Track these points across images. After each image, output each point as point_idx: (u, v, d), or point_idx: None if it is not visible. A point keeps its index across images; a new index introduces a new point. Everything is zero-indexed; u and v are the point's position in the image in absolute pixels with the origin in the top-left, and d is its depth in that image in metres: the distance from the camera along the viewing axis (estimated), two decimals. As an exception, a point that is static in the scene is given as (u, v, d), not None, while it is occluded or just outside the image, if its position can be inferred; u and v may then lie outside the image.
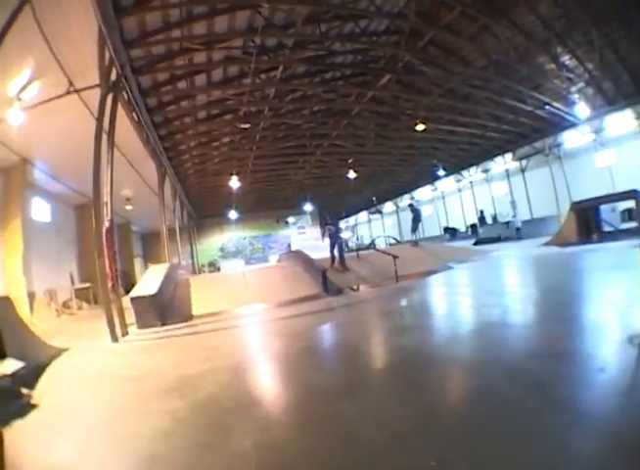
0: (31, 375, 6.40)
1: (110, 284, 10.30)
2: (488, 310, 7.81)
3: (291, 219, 52.39)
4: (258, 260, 45.19)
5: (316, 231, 50.21)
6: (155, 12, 12.75)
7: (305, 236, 49.15)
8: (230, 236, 51.25)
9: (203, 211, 44.30)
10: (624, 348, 4.33)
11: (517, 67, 21.40)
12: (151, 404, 4.74)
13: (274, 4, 13.98)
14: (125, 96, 14.17)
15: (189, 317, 11.91)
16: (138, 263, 35.58)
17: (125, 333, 10.13)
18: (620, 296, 6.70)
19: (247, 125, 23.52)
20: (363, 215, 66.32)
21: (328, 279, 13.91)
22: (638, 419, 2.93)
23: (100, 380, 6.23)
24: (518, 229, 32.97)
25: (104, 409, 4.83)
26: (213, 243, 50.51)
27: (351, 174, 36.62)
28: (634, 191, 17.12)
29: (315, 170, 36.85)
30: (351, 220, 70.88)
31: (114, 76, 12.19)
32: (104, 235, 10.24)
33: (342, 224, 64.97)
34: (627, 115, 28.89)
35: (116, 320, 9.92)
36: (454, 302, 9.84)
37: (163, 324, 11.09)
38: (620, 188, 21.94)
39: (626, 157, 28.02)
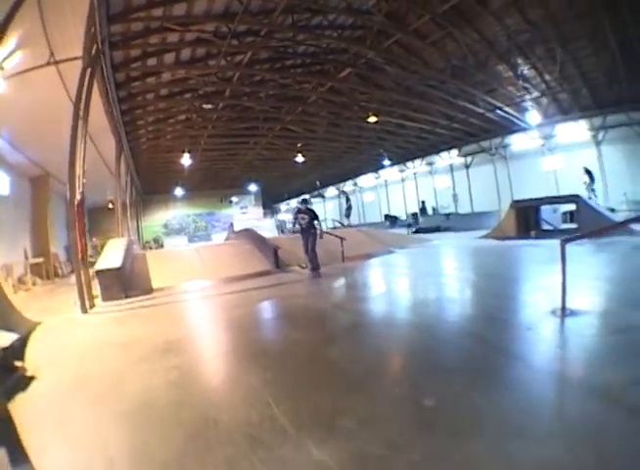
0: (18, 348, 6.33)
1: (79, 256, 10.39)
2: (432, 286, 9.18)
3: (234, 199, 52.29)
4: (201, 238, 45.43)
5: (258, 211, 50.95)
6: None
7: (248, 216, 49.42)
8: (174, 213, 50.76)
9: (149, 187, 43.85)
10: (547, 316, 5.66)
11: (474, 72, 22.18)
12: (151, 364, 5.20)
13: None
14: (99, 71, 14.21)
15: (149, 290, 12.15)
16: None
17: (92, 305, 10.25)
18: (545, 281, 7.81)
19: (209, 106, 23.76)
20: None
21: (279, 257, 14.67)
22: (554, 357, 4.36)
23: (89, 348, 6.43)
24: (447, 216, 34.64)
25: (109, 372, 5.07)
26: (158, 220, 49.91)
27: (299, 158, 37.11)
28: (576, 196, 18.30)
29: (265, 152, 37.22)
30: (293, 202, 71.36)
31: (93, 51, 12.23)
32: (76, 208, 10.39)
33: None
34: (581, 125, 30.47)
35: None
36: (398, 279, 11.07)
37: (127, 296, 11.31)
38: (565, 192, 23.28)
39: (574, 163, 29.29)
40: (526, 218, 19.72)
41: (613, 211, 22.58)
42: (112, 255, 12.43)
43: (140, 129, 25.62)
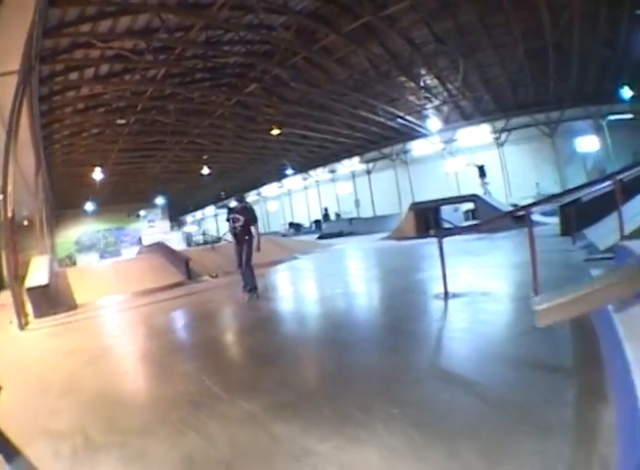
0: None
1: (13, 273, 10.64)
2: (332, 284, 10.78)
3: (142, 213, 51.70)
4: (112, 254, 44.26)
5: (166, 225, 50.47)
6: (78, 6, 13.62)
7: (155, 230, 48.74)
8: (86, 229, 49.49)
9: (62, 202, 42.19)
10: (432, 299, 7.12)
11: (374, 84, 23.51)
12: (96, 365, 5.87)
13: (169, 13, 15.14)
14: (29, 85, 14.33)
15: (74, 306, 12.54)
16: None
17: (27, 322, 10.43)
18: (434, 271, 8.93)
19: (122, 121, 23.98)
20: (210, 210, 66.60)
21: (190, 268, 15.35)
22: (437, 328, 5.67)
23: (39, 358, 6.81)
24: (350, 221, 35.86)
25: (63, 375, 5.59)
26: (70, 236, 48.56)
27: (205, 170, 37.64)
28: (474, 195, 20.00)
29: (172, 165, 37.57)
30: (199, 214, 71.32)
31: (27, 66, 12.16)
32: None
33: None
34: (483, 128, 33.04)
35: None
36: (303, 281, 12.59)
37: (55, 313, 11.54)
38: (467, 192, 24.54)
39: (477, 162, 31.15)
40: (426, 219, 21.11)
41: (515, 206, 24.48)
42: (38, 272, 12.45)
43: (56, 143, 25.44)
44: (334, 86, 24.01)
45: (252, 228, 9.82)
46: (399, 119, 31.69)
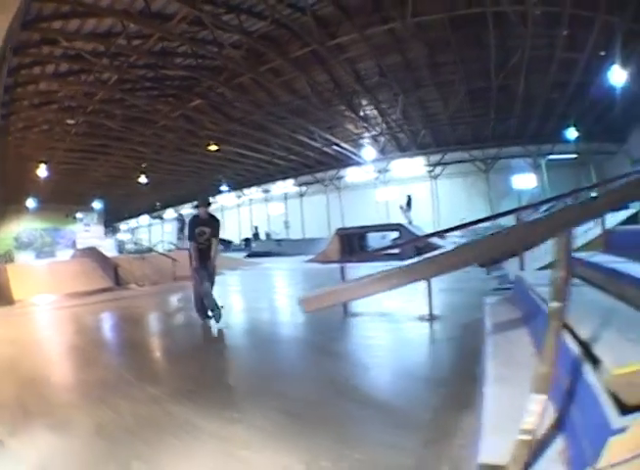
0: None
1: None
2: (257, 298, 11.90)
3: (80, 215, 50.49)
4: (47, 254, 43.24)
5: (100, 230, 49.42)
6: (55, 1, 14.01)
7: (89, 234, 47.74)
8: (25, 226, 46.98)
9: (6, 196, 41.06)
10: (340, 316, 7.68)
11: (315, 110, 24.13)
12: (36, 351, 7.15)
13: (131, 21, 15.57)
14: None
15: (12, 301, 13.12)
16: None
17: None
18: None
19: (72, 121, 24.12)
20: (145, 219, 65.55)
21: (119, 274, 16.14)
22: (336, 340, 6.35)
23: None
24: (279, 242, 36.01)
25: (9, 358, 6.57)
26: (10, 232, 45.98)
27: (143, 179, 37.36)
28: (399, 224, 21.08)
29: (113, 170, 37.18)
30: (133, 222, 70.08)
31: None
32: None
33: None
34: (418, 161, 34.50)
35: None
36: (227, 293, 13.02)
37: None
38: (397, 221, 25.00)
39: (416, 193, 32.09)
40: (351, 244, 22.04)
41: (442, 237, 25.61)
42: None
43: (9, 136, 25.10)
44: (275, 108, 24.60)
45: (214, 241, 8.30)
46: (335, 146, 32.62)
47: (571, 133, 28.32)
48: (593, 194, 12.48)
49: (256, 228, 43.57)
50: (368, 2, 16.77)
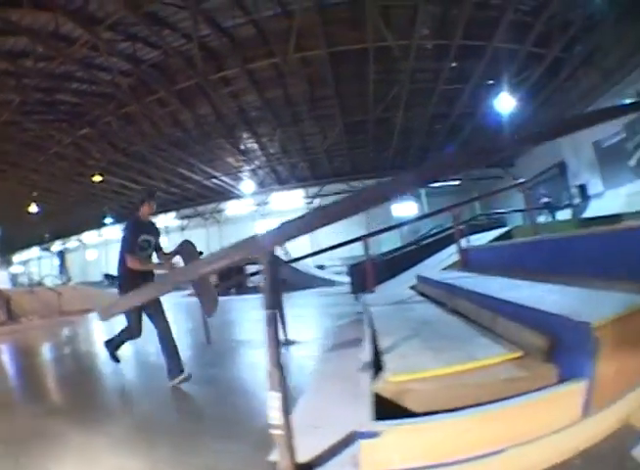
0: None
1: None
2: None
3: None
4: None
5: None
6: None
7: None
8: None
9: None
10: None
11: (195, 144, 24.39)
12: None
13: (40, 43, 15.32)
14: None
15: None
16: None
17: None
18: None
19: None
20: (35, 251, 62.30)
21: (11, 308, 15.82)
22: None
23: None
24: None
25: None
26: None
27: (34, 208, 35.49)
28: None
29: (7, 197, 35.13)
30: (25, 255, 66.44)
31: None
32: None
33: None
34: (297, 193, 35.17)
35: None
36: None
37: None
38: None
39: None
40: (229, 277, 22.18)
41: (322, 267, 26.00)
42: None
43: None
44: (158, 140, 24.53)
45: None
46: (215, 180, 32.78)
47: None
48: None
49: (139, 263, 42.40)
50: (256, 36, 17.14)
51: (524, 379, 2.15)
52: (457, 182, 32.23)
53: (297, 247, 27.48)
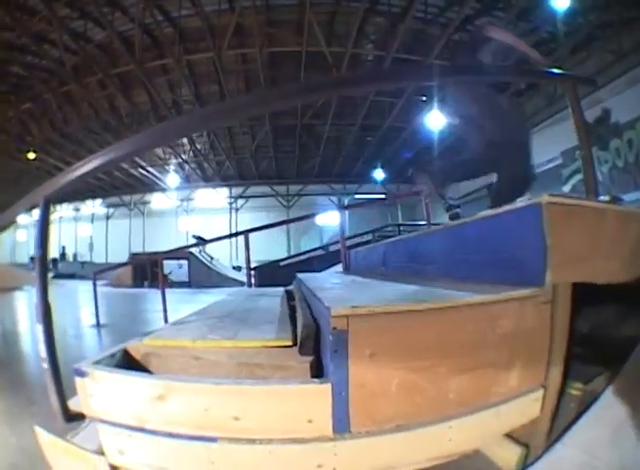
0: None
1: None
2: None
3: None
4: None
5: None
6: None
7: None
8: None
9: None
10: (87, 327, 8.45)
11: (125, 129, 23.46)
12: None
13: None
14: None
15: None
16: None
17: None
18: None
19: None
20: None
21: None
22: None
23: None
24: (83, 264, 35.74)
25: None
26: None
27: None
28: (190, 253, 21.25)
29: None
30: None
31: None
32: None
33: None
34: (221, 192, 34.86)
35: None
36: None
37: None
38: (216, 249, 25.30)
39: (211, 225, 32.93)
40: (143, 270, 21.67)
41: (239, 268, 25.67)
42: None
43: None
44: (94, 123, 24.15)
45: None
46: (142, 170, 32.15)
47: (379, 174, 30.44)
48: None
49: (64, 248, 41.34)
50: (200, 29, 16.83)
51: (272, 367, 1.90)
52: (382, 196, 32.50)
53: (219, 248, 27.30)
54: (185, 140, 26.97)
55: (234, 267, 26.67)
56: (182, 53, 17.94)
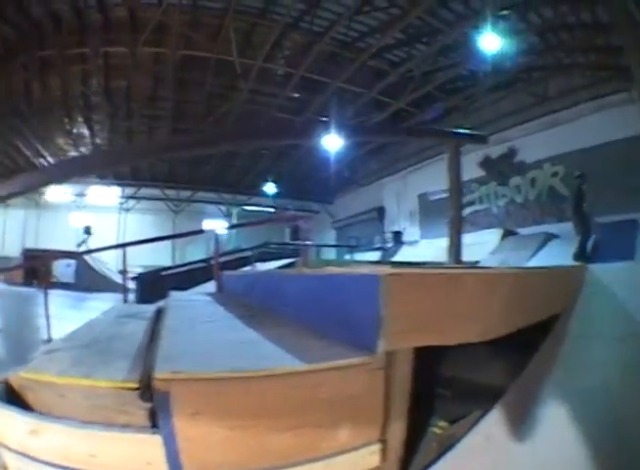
0: None
1: None
2: None
3: None
4: None
5: None
6: None
7: None
8: None
9: None
10: None
11: (32, 115, 22.78)
12: None
13: None
14: None
15: None
16: None
17: None
18: None
19: None
20: None
21: None
22: None
23: None
24: None
25: None
26: None
27: None
28: (79, 253, 20.59)
29: None
30: None
31: None
32: None
33: None
34: (113, 191, 33.89)
35: None
36: None
37: None
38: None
39: (103, 224, 31.76)
40: (35, 268, 20.91)
41: (125, 272, 25.19)
42: None
43: None
44: (4, 106, 22.06)
45: None
46: (42, 159, 30.36)
47: (270, 188, 30.94)
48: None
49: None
50: (125, 20, 16.52)
51: (118, 411, 1.94)
52: (271, 209, 33.12)
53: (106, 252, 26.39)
54: (87, 132, 26.14)
55: (120, 271, 26.09)
56: (101, 43, 17.41)
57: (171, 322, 3.27)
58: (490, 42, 14.40)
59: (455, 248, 2.68)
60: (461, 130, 5.84)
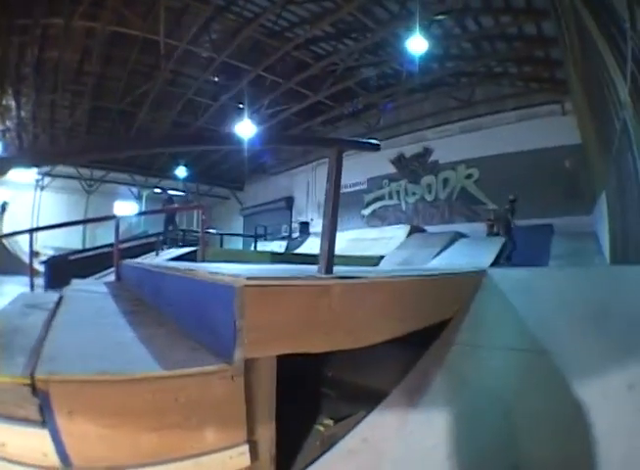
0: None
1: None
2: None
3: None
4: None
5: None
6: None
7: None
8: None
9: None
10: None
11: None
12: None
13: None
14: None
15: None
16: None
17: None
18: None
19: None
20: None
21: None
22: None
23: None
24: None
25: None
26: None
27: None
28: None
29: None
30: None
31: None
32: None
33: None
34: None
35: None
36: None
37: None
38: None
39: (20, 201, 30.78)
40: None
41: (37, 254, 24.39)
42: None
43: None
44: None
45: None
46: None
47: (181, 172, 30.87)
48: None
49: None
50: None
51: (15, 406, 1.97)
52: (181, 193, 32.70)
53: (21, 227, 25.42)
54: (13, 104, 24.89)
55: (29, 255, 25.30)
56: (43, 14, 16.55)
57: (62, 318, 3.32)
58: (419, 44, 14.62)
59: (327, 258, 2.70)
60: (351, 138, 6.01)
